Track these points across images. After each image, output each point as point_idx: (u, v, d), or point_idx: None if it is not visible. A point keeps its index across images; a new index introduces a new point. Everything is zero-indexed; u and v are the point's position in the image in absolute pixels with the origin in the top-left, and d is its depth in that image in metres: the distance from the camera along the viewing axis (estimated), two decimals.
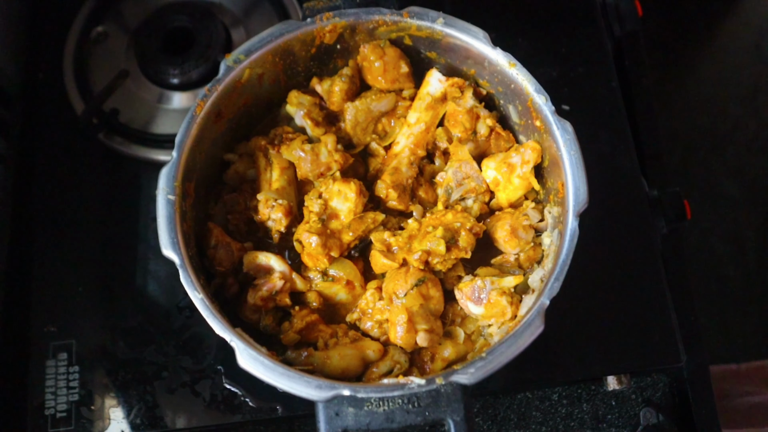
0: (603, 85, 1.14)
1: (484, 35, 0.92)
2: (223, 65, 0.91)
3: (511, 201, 0.96)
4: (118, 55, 1.17)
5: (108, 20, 1.19)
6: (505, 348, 0.78)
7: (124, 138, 1.11)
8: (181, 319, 1.01)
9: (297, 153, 0.95)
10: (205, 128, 0.91)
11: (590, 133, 1.02)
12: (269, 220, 0.94)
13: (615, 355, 1.00)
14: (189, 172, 0.88)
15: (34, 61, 1.17)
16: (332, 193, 0.93)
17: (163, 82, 1.13)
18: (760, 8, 2.26)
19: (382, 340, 0.90)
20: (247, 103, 0.97)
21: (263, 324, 0.91)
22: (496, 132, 0.98)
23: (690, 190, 2.11)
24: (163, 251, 0.83)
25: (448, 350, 0.88)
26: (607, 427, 0.99)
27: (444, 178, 0.98)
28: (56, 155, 1.11)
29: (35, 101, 1.14)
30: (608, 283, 1.03)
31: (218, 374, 0.98)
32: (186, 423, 0.96)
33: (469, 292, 0.90)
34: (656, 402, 0.99)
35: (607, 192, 1.05)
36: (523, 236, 0.93)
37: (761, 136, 2.17)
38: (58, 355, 0.99)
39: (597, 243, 1.00)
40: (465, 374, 0.76)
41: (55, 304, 1.02)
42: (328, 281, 0.92)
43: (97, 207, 1.08)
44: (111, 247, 1.06)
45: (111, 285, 1.04)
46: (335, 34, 0.96)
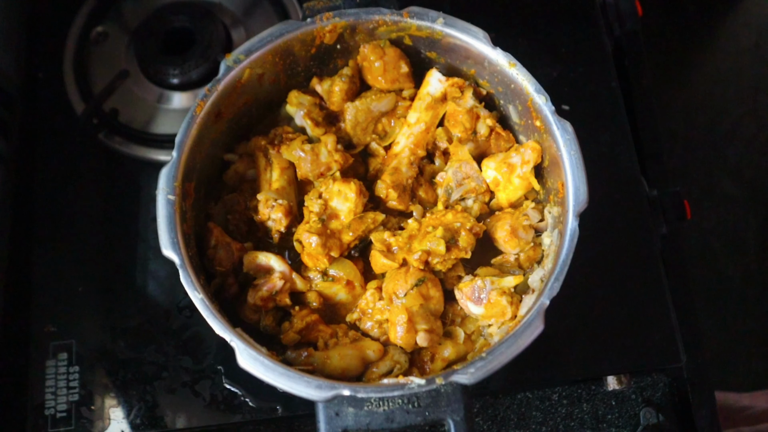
0: (603, 85, 1.15)
1: (484, 35, 0.92)
2: (223, 65, 0.91)
3: (511, 201, 0.96)
4: (118, 55, 1.17)
5: (108, 20, 1.19)
6: (505, 348, 0.78)
7: (124, 138, 1.11)
8: (181, 319, 1.01)
9: (297, 153, 0.95)
10: (205, 128, 0.91)
11: (590, 133, 1.02)
12: (269, 220, 0.94)
13: (615, 355, 1.00)
14: (189, 172, 0.88)
15: (34, 61, 1.17)
16: (332, 193, 0.93)
17: (163, 82, 1.13)
18: (760, 8, 2.26)
19: (382, 340, 0.90)
20: (247, 103, 0.97)
21: (263, 324, 0.91)
22: (496, 132, 0.98)
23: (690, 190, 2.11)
24: (163, 251, 0.83)
25: (448, 350, 0.88)
26: (607, 427, 0.99)
27: (444, 178, 0.98)
28: (56, 155, 1.11)
29: (35, 101, 1.14)
30: (608, 283, 1.03)
31: (218, 374, 0.98)
32: (186, 423, 0.96)
33: (469, 292, 0.90)
34: (656, 402, 0.99)
35: (607, 192, 1.05)
36: (523, 236, 0.93)
37: (761, 136, 2.18)
38: (58, 355, 0.99)
39: (597, 243, 1.00)
40: (465, 374, 0.76)
41: (55, 304, 1.02)
42: (328, 281, 0.92)
43: (97, 207, 1.08)
44: (111, 247, 1.06)
45: (111, 285, 1.04)
46: (335, 34, 0.96)
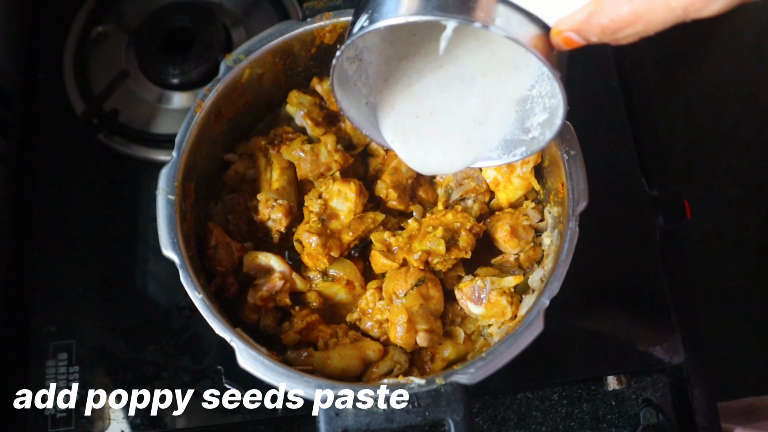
0: (603, 85, 1.14)
1: None
2: (223, 65, 0.91)
3: (511, 201, 0.96)
4: (118, 55, 1.17)
5: (108, 20, 1.19)
6: (505, 348, 0.78)
7: (124, 138, 1.11)
8: (181, 319, 1.01)
9: (297, 153, 0.95)
10: (205, 128, 0.91)
11: (590, 133, 1.02)
12: (269, 220, 0.94)
13: (615, 355, 1.00)
14: (189, 172, 0.88)
15: (34, 61, 1.17)
16: (332, 193, 0.93)
17: (163, 82, 1.13)
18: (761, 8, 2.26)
19: (382, 340, 0.90)
20: (247, 103, 0.97)
21: (263, 324, 0.91)
22: None
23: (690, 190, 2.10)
24: (163, 251, 0.83)
25: (448, 350, 0.88)
26: (607, 427, 0.99)
27: (444, 178, 0.98)
28: (56, 155, 1.11)
29: (35, 101, 1.14)
30: (608, 282, 1.03)
31: (218, 374, 0.97)
32: (186, 423, 0.96)
33: (469, 292, 0.90)
34: (656, 402, 0.99)
35: (607, 192, 1.05)
36: (523, 236, 0.93)
37: (761, 136, 2.17)
38: (58, 355, 0.99)
39: (597, 243, 1.00)
40: (465, 374, 0.76)
41: (55, 304, 1.02)
42: (328, 281, 0.92)
43: (97, 207, 1.08)
44: (111, 247, 1.06)
45: (111, 285, 1.04)
46: (335, 34, 0.95)
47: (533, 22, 0.64)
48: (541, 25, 0.64)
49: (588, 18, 0.59)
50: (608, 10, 0.57)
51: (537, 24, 0.64)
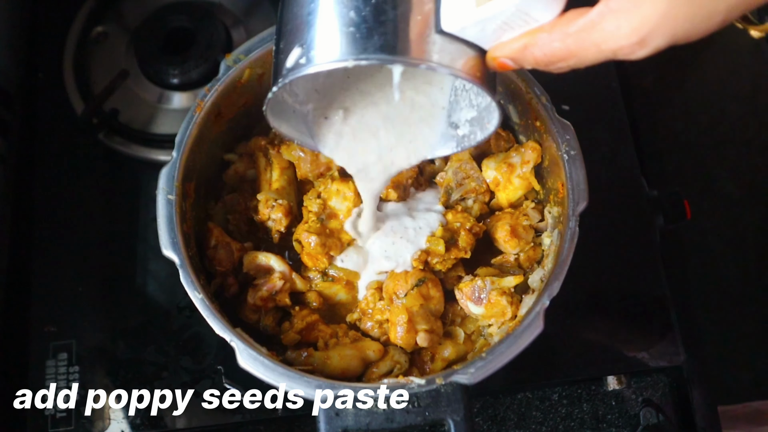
0: (603, 85, 1.14)
1: None
2: (223, 65, 0.91)
3: (511, 201, 0.96)
4: (118, 55, 1.17)
5: (108, 20, 1.19)
6: (505, 348, 0.78)
7: (124, 138, 1.11)
8: (181, 319, 1.01)
9: (297, 153, 0.95)
10: (205, 128, 0.91)
11: (590, 133, 1.02)
12: (269, 220, 0.94)
13: (615, 355, 1.00)
14: (189, 172, 0.88)
15: (34, 61, 1.17)
16: (331, 193, 0.93)
17: (163, 82, 1.13)
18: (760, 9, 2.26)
19: (382, 340, 0.90)
20: (247, 103, 0.97)
21: (263, 324, 0.91)
22: (496, 132, 0.97)
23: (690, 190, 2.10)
24: (163, 251, 0.83)
25: (448, 350, 0.88)
26: (607, 427, 0.99)
27: (444, 178, 0.98)
28: (56, 155, 1.11)
29: (35, 101, 1.14)
30: (608, 282, 1.03)
31: (218, 374, 0.97)
32: (186, 423, 0.96)
33: (469, 292, 0.90)
34: (656, 402, 0.99)
35: (607, 192, 1.05)
36: (523, 236, 0.93)
37: (761, 136, 2.17)
38: (58, 355, 0.99)
39: (597, 243, 1.00)
40: (465, 374, 0.76)
41: (55, 304, 1.02)
42: (328, 281, 0.92)
43: (97, 207, 1.08)
44: (111, 247, 1.06)
45: (111, 285, 1.04)
46: None
47: (469, 47, 0.65)
48: (476, 48, 0.66)
49: (523, 48, 0.62)
50: (542, 44, 0.61)
51: (473, 48, 0.66)
